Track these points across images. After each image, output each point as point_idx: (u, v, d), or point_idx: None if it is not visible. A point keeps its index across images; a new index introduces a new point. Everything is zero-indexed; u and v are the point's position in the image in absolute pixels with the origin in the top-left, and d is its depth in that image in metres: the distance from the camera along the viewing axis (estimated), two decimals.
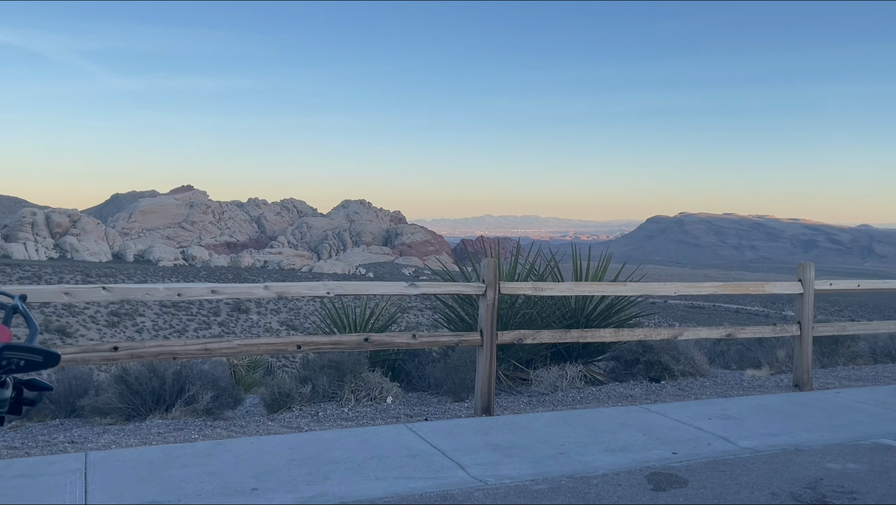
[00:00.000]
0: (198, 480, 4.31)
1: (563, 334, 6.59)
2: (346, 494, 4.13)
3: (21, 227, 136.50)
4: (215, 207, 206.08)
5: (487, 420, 5.89)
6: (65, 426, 6.31)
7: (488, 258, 6.21)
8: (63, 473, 4.38)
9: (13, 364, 1.74)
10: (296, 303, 64.34)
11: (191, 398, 6.51)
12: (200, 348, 5.19)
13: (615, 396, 7.14)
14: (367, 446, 5.05)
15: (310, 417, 6.23)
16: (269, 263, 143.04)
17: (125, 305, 55.34)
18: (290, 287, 5.72)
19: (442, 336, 6.30)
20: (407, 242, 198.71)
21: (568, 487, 4.29)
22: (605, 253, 9.06)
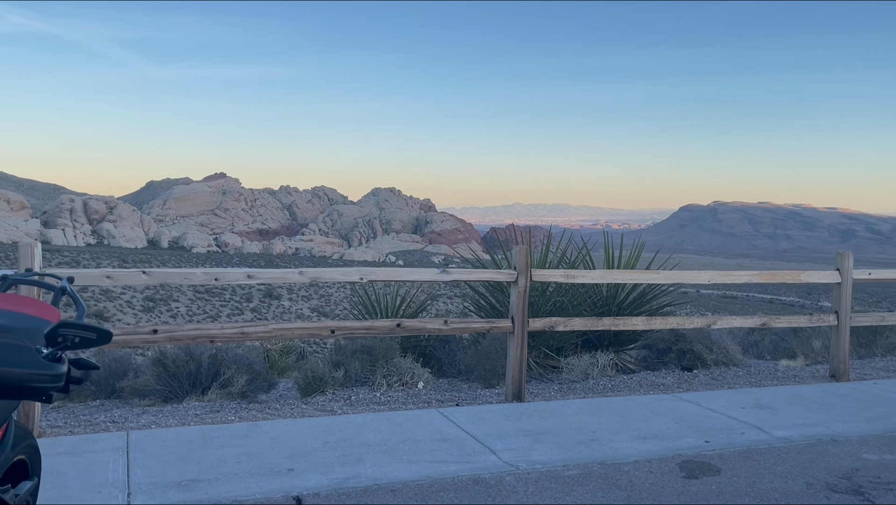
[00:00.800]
0: (235, 459, 4.41)
1: (594, 322, 6.58)
2: (380, 477, 4.20)
3: (60, 213, 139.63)
4: (248, 195, 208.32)
5: (518, 406, 5.92)
6: (105, 407, 6.49)
7: (520, 245, 6.21)
8: (106, 451, 4.51)
9: (68, 341, 1.81)
10: (327, 290, 64.92)
11: (226, 381, 6.64)
12: (237, 332, 5.29)
13: (646, 384, 7.11)
14: (399, 430, 5.11)
15: (342, 400, 6.32)
16: (300, 251, 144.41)
17: (160, 291, 56.31)
18: (324, 273, 5.79)
19: (473, 323, 6.33)
20: (436, 230, 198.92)
21: (599, 473, 4.30)
22: (637, 241, 9.00)
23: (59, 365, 1.69)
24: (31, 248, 4.67)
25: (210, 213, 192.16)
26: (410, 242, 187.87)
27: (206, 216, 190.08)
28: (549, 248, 8.47)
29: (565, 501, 3.86)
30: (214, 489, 3.95)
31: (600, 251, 8.89)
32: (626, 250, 8.62)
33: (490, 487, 4.04)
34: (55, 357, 1.75)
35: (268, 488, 3.97)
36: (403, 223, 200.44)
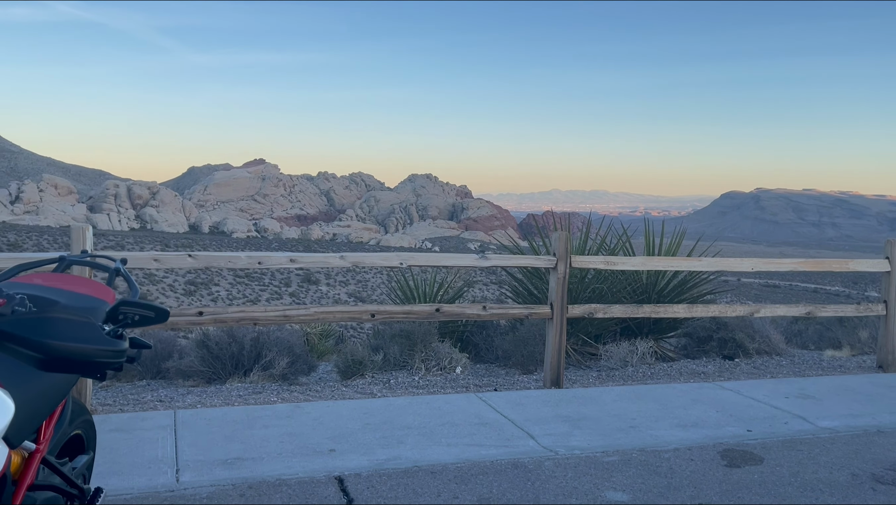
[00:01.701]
0: (278, 439, 4.51)
1: (635, 309, 6.53)
2: (419, 459, 4.25)
3: (105, 198, 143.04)
4: (286, 181, 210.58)
5: (557, 392, 5.92)
6: (151, 387, 6.67)
7: (560, 231, 6.18)
8: (154, 428, 4.65)
9: (129, 319, 1.88)
10: (364, 275, 65.43)
11: (268, 364, 6.77)
12: (279, 315, 5.39)
13: (686, 372, 7.04)
14: (438, 413, 5.16)
15: (381, 384, 6.39)
16: (337, 236, 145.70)
17: (201, 275, 57.36)
18: (364, 257, 5.85)
19: (512, 308, 6.34)
20: (473, 217, 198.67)
21: (639, 459, 4.29)
22: (678, 229, 8.88)
23: (122, 342, 1.75)
24: (83, 231, 4.81)
25: (249, 199, 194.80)
26: (446, 229, 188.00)
27: (246, 202, 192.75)
28: (588, 234, 8.42)
29: (605, 486, 3.86)
30: (259, 468, 4.04)
31: (639, 238, 8.79)
32: (667, 238, 8.51)
33: (529, 471, 4.06)
34: (117, 334, 1.81)
35: (310, 468, 4.05)
36: (440, 209, 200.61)
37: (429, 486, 3.82)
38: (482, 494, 3.72)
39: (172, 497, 3.59)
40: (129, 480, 3.78)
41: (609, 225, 8.85)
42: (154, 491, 3.66)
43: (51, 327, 1.61)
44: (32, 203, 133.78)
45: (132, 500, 3.53)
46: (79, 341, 1.62)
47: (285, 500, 3.59)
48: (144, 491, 3.65)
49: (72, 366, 1.69)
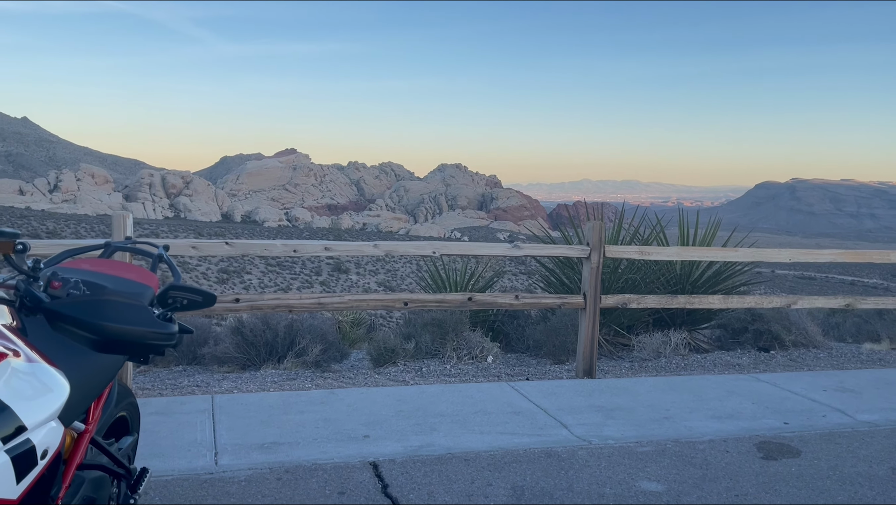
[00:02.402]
0: (313, 425, 4.57)
1: (669, 300, 6.47)
2: (453, 446, 4.27)
3: (140, 187, 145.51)
4: (317, 170, 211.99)
5: (589, 382, 5.90)
6: (187, 372, 6.80)
7: (593, 221, 6.14)
8: (193, 412, 4.74)
9: (178, 303, 1.92)
10: (393, 265, 65.69)
11: (301, 351, 6.85)
12: (314, 302, 5.44)
13: (721, 364, 6.97)
14: (471, 402, 5.18)
15: (414, 372, 6.43)
16: (367, 226, 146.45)
17: (234, 263, 58.13)
18: (397, 246, 5.88)
19: (545, 298, 6.32)
20: (502, 207, 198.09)
21: (673, 450, 4.27)
22: (713, 219, 8.76)
23: (173, 325, 1.79)
24: (124, 218, 4.90)
25: (281, 189, 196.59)
26: (476, 219, 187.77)
27: (278, 191, 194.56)
28: (621, 224, 8.35)
29: (639, 476, 3.85)
30: (295, 452, 4.10)
31: (672, 229, 8.70)
32: (701, 228, 8.41)
33: (562, 460, 4.06)
34: (167, 318, 1.86)
35: (345, 453, 4.10)
36: (469, 199, 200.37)
37: (462, 473, 3.84)
38: (515, 482, 3.73)
39: (212, 479, 3.66)
40: (169, 462, 3.87)
41: (643, 215, 8.76)
42: (194, 473, 3.73)
43: (105, 310, 1.65)
44: (70, 192, 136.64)
45: (173, 481, 3.61)
46: (133, 324, 1.67)
47: (321, 484, 3.64)
48: (185, 473, 3.73)
49: (124, 348, 1.74)
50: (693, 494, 3.64)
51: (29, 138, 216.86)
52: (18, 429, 1.50)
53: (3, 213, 66.91)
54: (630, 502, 3.53)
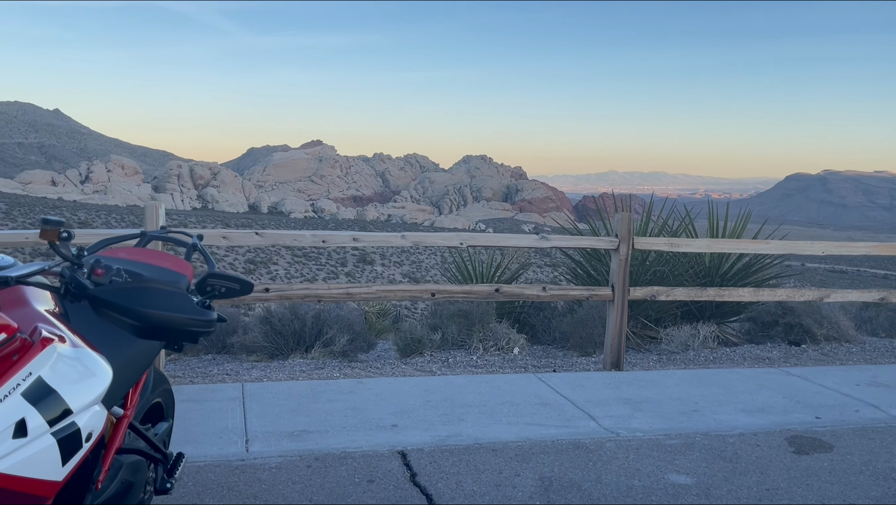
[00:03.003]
0: (342, 413, 4.61)
1: (698, 292, 6.41)
2: (480, 436, 4.29)
3: (168, 178, 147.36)
4: (343, 162, 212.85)
5: (617, 375, 5.88)
6: (217, 361, 6.88)
7: (622, 213, 6.10)
8: (224, 400, 4.81)
9: (216, 291, 1.95)
10: (418, 256, 65.85)
11: (328, 340, 6.91)
12: (342, 292, 5.48)
13: (750, 357, 6.89)
14: (498, 392, 5.19)
15: (440, 362, 6.46)
16: (392, 217, 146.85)
17: (260, 254, 58.71)
18: (425, 237, 5.90)
19: (572, 290, 6.30)
20: (527, 199, 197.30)
21: (702, 443, 4.24)
22: (743, 211, 8.66)
23: (212, 312, 1.82)
24: (156, 209, 4.98)
25: (307, 180, 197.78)
26: (500, 210, 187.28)
27: (304, 182, 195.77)
28: (650, 216, 8.28)
29: (668, 469, 3.83)
30: (324, 440, 4.15)
31: (700, 221, 8.61)
32: (730, 220, 8.31)
33: (590, 451, 4.06)
34: (205, 305, 1.89)
35: (374, 442, 4.13)
36: (494, 191, 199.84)
37: (490, 463, 3.86)
38: (543, 473, 3.74)
39: (243, 466, 3.72)
40: (202, 448, 3.93)
41: (672, 207, 8.68)
42: (226, 460, 3.79)
43: (148, 297, 1.69)
44: (101, 183, 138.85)
45: (206, 467, 3.67)
46: (174, 311, 1.70)
47: (351, 472, 3.68)
48: (216, 459, 3.79)
49: (164, 334, 1.77)
50: (723, 488, 3.62)
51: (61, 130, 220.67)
52: (65, 412, 1.54)
53: (37, 204, 68.23)
54: (659, 495, 3.52)
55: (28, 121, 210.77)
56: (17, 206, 60.57)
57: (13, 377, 1.44)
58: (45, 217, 1.65)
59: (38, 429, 1.46)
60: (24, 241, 5.00)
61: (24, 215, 56.03)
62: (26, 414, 1.44)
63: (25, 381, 1.47)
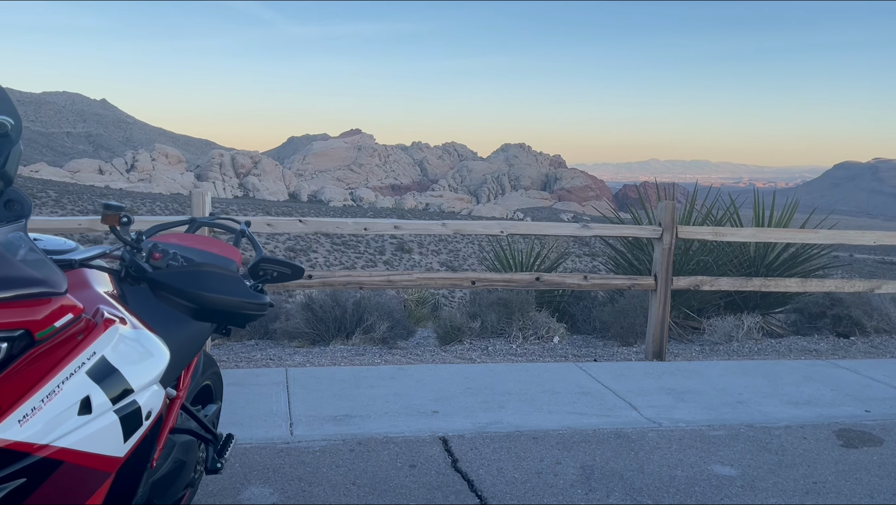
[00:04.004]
0: (384, 399, 4.67)
1: (743, 282, 6.30)
2: (521, 424, 4.30)
3: (211, 167, 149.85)
4: (381, 151, 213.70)
5: (659, 365, 5.82)
6: (259, 346, 7.01)
7: (665, 201, 6.02)
8: (268, 384, 4.90)
9: (268, 275, 1.99)
10: (455, 245, 65.87)
11: (368, 327, 6.98)
12: (383, 280, 5.53)
13: (797, 349, 6.76)
14: (538, 381, 5.19)
15: (480, 350, 6.47)
16: (430, 206, 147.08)
17: (300, 242, 59.38)
18: (465, 225, 5.91)
19: (614, 279, 6.25)
20: (566, 187, 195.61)
21: (747, 435, 4.18)
22: (790, 200, 8.47)
23: (265, 296, 1.86)
24: (203, 196, 5.08)
25: (346, 169, 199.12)
26: (539, 199, 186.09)
27: (343, 171, 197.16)
28: (693, 205, 8.15)
29: (711, 460, 3.79)
30: (366, 425, 4.20)
31: (745, 211, 8.45)
32: (777, 210, 8.14)
33: (632, 441, 4.04)
34: (258, 289, 1.93)
35: (415, 427, 4.17)
36: (532, 180, 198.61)
37: (531, 450, 3.86)
38: (585, 462, 3.73)
39: (288, 448, 3.79)
40: (248, 430, 4.02)
41: (716, 196, 8.53)
42: (271, 442, 3.87)
43: (204, 280, 1.73)
44: (146, 171, 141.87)
45: (252, 449, 3.75)
46: (229, 294, 1.74)
47: (393, 457, 3.73)
48: (262, 442, 3.87)
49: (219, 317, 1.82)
50: (768, 480, 3.57)
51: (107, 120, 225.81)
52: (126, 391, 1.60)
53: (84, 192, 70.00)
54: (702, 486, 3.48)
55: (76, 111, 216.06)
56: (66, 194, 62.27)
57: (78, 356, 1.50)
58: (106, 203, 1.70)
59: (101, 406, 1.52)
60: (77, 227, 5.15)
61: (72, 203, 57.58)
62: (91, 392, 1.50)
63: (90, 360, 1.52)
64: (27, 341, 1.39)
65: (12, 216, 1.46)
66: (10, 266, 1.38)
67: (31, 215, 1.52)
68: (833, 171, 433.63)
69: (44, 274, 1.43)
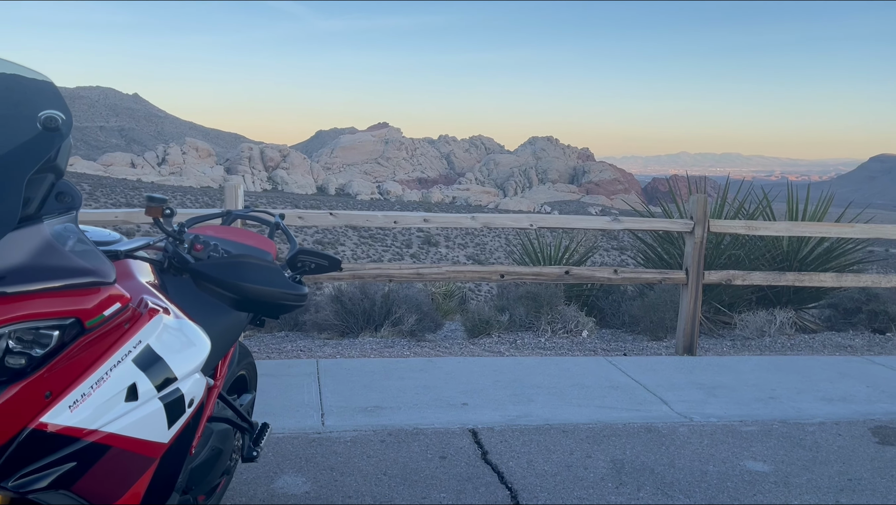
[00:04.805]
0: (414, 391, 4.70)
1: (777, 277, 6.22)
2: (550, 417, 4.30)
3: (240, 161, 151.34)
4: (408, 144, 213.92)
5: (690, 359, 5.78)
6: (290, 338, 7.09)
7: (697, 194, 5.97)
8: (300, 375, 4.96)
9: (306, 266, 2.02)
10: (482, 238, 65.76)
11: (397, 320, 7.01)
12: (413, 272, 5.56)
13: (831, 345, 6.66)
14: (567, 375, 5.18)
15: (508, 343, 6.48)
16: (457, 199, 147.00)
17: (328, 235, 59.79)
18: (494, 218, 5.91)
19: (645, 273, 6.21)
20: (594, 181, 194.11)
21: (780, 431, 4.14)
22: (825, 194, 8.32)
23: (304, 287, 1.90)
24: (236, 189, 5.15)
25: (373, 162, 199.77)
26: (566, 193, 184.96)
27: (370, 165, 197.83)
28: (725, 198, 8.06)
29: (744, 456, 3.76)
30: (396, 416, 4.24)
31: (777, 205, 8.33)
32: (811, 204, 8.01)
33: (663, 435, 4.02)
34: (297, 280, 1.96)
35: (445, 419, 4.20)
36: (560, 173, 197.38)
37: (561, 444, 3.87)
38: (615, 455, 3.73)
39: (320, 439, 3.84)
40: (280, 420, 4.07)
41: (749, 189, 8.42)
42: (303, 432, 3.93)
43: (246, 271, 1.77)
44: (176, 165, 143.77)
45: (284, 439, 3.81)
46: (270, 285, 1.77)
47: (423, 448, 3.76)
48: (294, 431, 3.93)
49: (258, 307, 1.86)
50: (802, 476, 3.53)
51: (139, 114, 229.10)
52: (170, 379, 1.64)
53: (117, 185, 71.15)
54: (735, 481, 3.46)
55: (109, 105, 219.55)
56: (100, 188, 63.38)
57: (125, 344, 1.54)
58: (150, 195, 1.75)
59: (147, 393, 1.56)
60: (113, 219, 5.25)
61: (105, 196, 58.59)
62: (137, 379, 1.54)
63: (136, 348, 1.57)
64: (77, 330, 1.43)
65: (63, 208, 1.51)
66: (62, 256, 1.42)
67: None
68: (869, 164, 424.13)
69: (93, 264, 1.47)
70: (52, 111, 1.47)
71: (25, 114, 1.48)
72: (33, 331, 1.35)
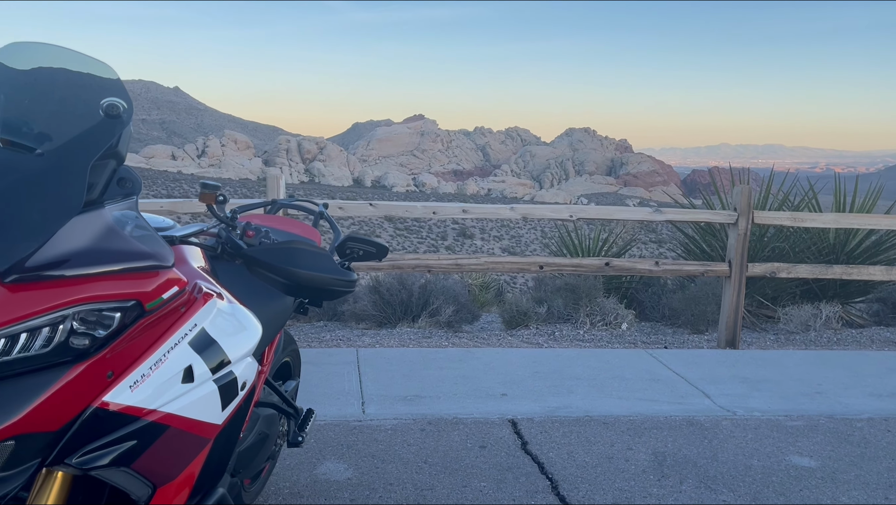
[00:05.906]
0: (452, 381, 4.72)
1: (823, 270, 6.09)
2: (590, 409, 4.28)
3: (278, 153, 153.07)
4: (444, 136, 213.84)
5: (732, 353, 5.69)
6: (328, 328, 7.16)
7: (741, 185, 5.86)
8: (340, 364, 5.02)
9: (355, 253, 2.05)
10: (517, 230, 65.51)
11: (434, 311, 7.04)
12: (451, 263, 5.57)
13: (879, 340, 6.50)
14: (607, 367, 5.15)
15: (546, 335, 6.46)
16: (492, 191, 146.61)
17: (364, 227, 60.21)
18: (533, 209, 5.89)
19: (686, 265, 6.13)
20: (632, 172, 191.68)
21: (827, 426, 4.06)
22: (875, 185, 8.11)
23: (353, 273, 1.92)
24: (278, 179, 5.22)
25: (409, 154, 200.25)
26: (604, 185, 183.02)
27: (406, 157, 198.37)
28: (769, 190, 7.91)
29: (789, 451, 3.70)
30: (436, 405, 4.26)
31: (823, 197, 8.14)
32: (859, 196, 7.81)
33: (705, 429, 3.97)
34: (346, 267, 1.99)
35: (484, 409, 4.21)
36: (597, 165, 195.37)
37: (601, 436, 3.85)
38: (656, 448, 3.70)
39: (360, 426, 3.89)
40: (321, 408, 4.11)
41: (793, 181, 8.24)
42: (344, 420, 3.97)
43: (298, 257, 1.80)
44: (216, 157, 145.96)
45: (326, 426, 3.86)
46: (321, 271, 1.80)
47: (463, 437, 3.77)
48: (336, 419, 3.98)
49: (308, 293, 1.89)
50: (850, 473, 3.46)
51: (180, 107, 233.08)
52: (224, 362, 1.68)
53: (159, 177, 72.54)
54: (780, 476, 3.41)
55: (151, 98, 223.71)
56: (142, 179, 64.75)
57: (182, 327, 1.58)
58: (204, 182, 1.79)
59: (202, 375, 1.60)
60: (159, 209, 5.36)
61: (147, 188, 59.71)
62: (193, 361, 1.58)
63: (192, 331, 1.60)
64: (138, 312, 1.47)
65: (124, 193, 1.55)
66: (123, 240, 1.46)
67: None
68: None
69: (153, 248, 1.51)
70: (114, 98, 1.51)
71: (88, 101, 1.52)
72: (96, 312, 1.39)
